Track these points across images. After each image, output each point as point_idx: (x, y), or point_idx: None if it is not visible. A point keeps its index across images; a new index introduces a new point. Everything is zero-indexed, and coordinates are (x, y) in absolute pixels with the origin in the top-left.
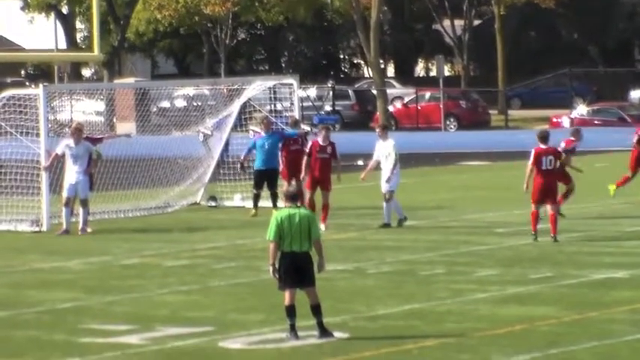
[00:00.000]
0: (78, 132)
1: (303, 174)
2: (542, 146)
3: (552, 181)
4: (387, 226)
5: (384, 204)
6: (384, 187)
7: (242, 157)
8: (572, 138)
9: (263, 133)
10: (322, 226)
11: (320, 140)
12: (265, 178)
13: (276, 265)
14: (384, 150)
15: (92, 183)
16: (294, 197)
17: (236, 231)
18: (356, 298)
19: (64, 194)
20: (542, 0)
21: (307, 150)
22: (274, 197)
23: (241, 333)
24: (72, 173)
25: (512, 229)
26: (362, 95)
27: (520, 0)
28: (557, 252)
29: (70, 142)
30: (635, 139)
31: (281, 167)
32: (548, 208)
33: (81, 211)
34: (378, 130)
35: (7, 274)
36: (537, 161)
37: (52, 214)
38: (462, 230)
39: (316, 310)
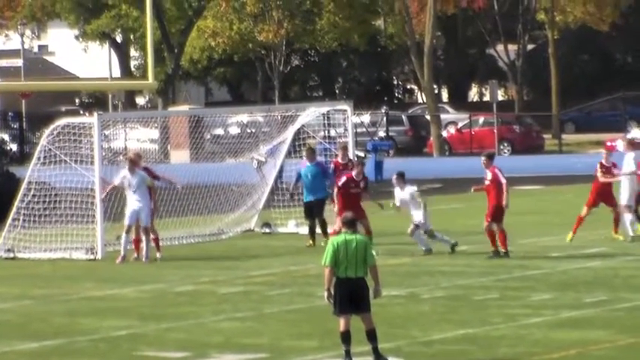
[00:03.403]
0: (131, 163)
1: (336, 208)
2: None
3: None
4: (429, 252)
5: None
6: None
7: (291, 187)
8: None
9: (307, 163)
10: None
11: (354, 174)
12: (312, 208)
13: (331, 291)
14: (403, 198)
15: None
16: (351, 223)
17: (290, 257)
18: (410, 323)
19: (126, 222)
20: (596, 23)
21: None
22: (323, 225)
23: (296, 359)
24: (132, 202)
25: (566, 253)
26: (416, 121)
27: (574, 23)
28: (612, 275)
29: (127, 172)
30: None
31: (336, 208)
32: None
33: (144, 239)
34: (394, 177)
35: (62, 302)
36: None
37: (106, 241)
38: (516, 255)
39: (371, 335)
